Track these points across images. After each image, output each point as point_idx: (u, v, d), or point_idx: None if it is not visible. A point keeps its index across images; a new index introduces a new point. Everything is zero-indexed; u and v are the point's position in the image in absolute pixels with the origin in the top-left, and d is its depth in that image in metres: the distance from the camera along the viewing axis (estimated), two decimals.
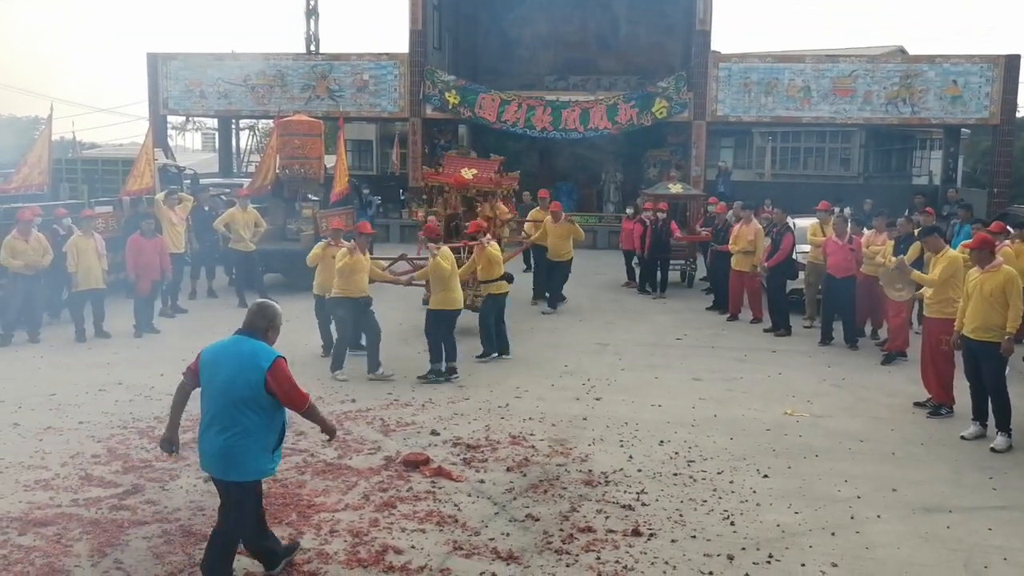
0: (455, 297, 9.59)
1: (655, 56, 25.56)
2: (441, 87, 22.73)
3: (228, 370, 4.71)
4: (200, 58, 24.07)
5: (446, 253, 9.62)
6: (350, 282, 9.55)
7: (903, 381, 9.50)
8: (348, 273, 9.49)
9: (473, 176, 11.98)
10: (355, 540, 5.56)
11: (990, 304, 7.43)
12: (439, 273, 9.39)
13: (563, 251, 13.57)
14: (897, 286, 9.72)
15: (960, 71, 21.18)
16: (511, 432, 7.68)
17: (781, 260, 11.96)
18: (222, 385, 4.69)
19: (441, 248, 9.63)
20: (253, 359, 4.72)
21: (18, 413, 8.11)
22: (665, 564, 5.30)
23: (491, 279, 10.32)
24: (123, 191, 14.21)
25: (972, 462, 7.12)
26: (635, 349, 11.00)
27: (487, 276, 10.31)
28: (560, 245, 13.55)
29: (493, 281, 10.34)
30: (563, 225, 13.62)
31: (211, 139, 44.99)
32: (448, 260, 9.52)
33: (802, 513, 6.06)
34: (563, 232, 13.61)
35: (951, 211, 16.83)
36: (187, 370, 4.94)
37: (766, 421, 8.10)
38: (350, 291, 9.59)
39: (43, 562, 5.20)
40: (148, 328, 11.67)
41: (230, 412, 4.66)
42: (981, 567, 5.33)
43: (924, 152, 35.99)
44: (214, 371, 4.76)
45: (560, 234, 13.57)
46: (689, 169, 22.25)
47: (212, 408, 4.73)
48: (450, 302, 9.54)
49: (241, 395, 4.66)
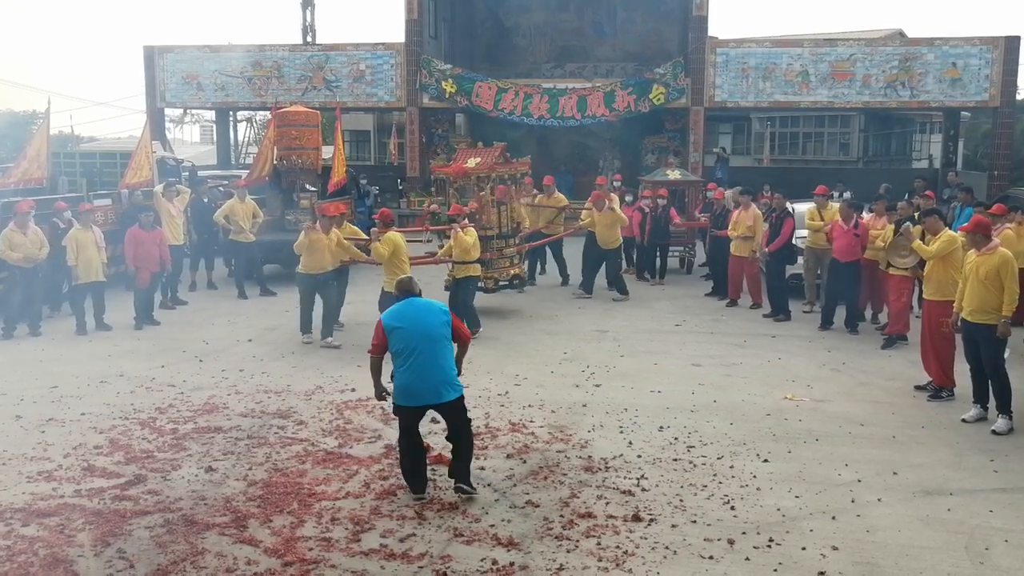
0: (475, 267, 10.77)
1: (652, 42, 25.50)
2: (438, 76, 22.67)
3: (424, 321, 5.95)
4: (196, 51, 24.01)
5: (389, 238, 10.09)
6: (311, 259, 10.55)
7: (903, 364, 9.51)
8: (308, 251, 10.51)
9: (475, 164, 12.16)
10: (356, 528, 5.58)
11: (986, 287, 7.43)
12: (379, 258, 10.05)
13: (611, 239, 13.50)
14: (902, 252, 9.73)
15: (959, 53, 21.10)
16: (511, 419, 7.69)
17: (781, 245, 11.96)
18: (425, 331, 5.92)
19: (386, 232, 10.11)
20: (438, 310, 6.09)
21: (20, 405, 8.13)
22: (665, 549, 5.31)
23: (465, 261, 10.77)
24: (122, 184, 14.21)
25: (973, 445, 7.13)
26: (634, 335, 11.00)
27: (462, 258, 10.74)
28: (608, 233, 13.45)
29: (468, 263, 10.79)
30: (608, 214, 13.47)
31: (209, 131, 44.90)
32: (388, 245, 10.02)
33: (802, 497, 6.07)
34: (609, 220, 13.48)
35: (951, 194, 16.80)
36: (373, 347, 6.08)
37: (766, 406, 8.11)
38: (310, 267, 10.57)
39: (47, 552, 5.22)
40: (148, 320, 11.68)
41: (436, 350, 5.91)
42: (982, 549, 5.34)
43: (924, 136, 35.90)
44: (412, 325, 5.91)
45: (606, 223, 13.47)
46: (687, 155, 22.22)
47: (419, 351, 5.86)
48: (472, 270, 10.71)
49: (442, 334, 5.98)
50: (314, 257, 10.56)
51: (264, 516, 5.74)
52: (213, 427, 7.52)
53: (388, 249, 9.92)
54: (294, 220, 15.04)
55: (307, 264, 10.60)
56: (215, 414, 7.89)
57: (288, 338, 10.92)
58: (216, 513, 5.78)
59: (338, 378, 9.08)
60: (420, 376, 5.86)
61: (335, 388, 8.73)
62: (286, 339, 10.88)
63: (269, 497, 6.03)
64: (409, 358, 5.87)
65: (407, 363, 5.88)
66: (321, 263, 10.59)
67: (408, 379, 5.88)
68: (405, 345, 5.88)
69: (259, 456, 6.83)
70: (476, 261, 10.92)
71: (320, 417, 7.79)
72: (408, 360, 5.87)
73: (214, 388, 8.74)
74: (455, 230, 10.72)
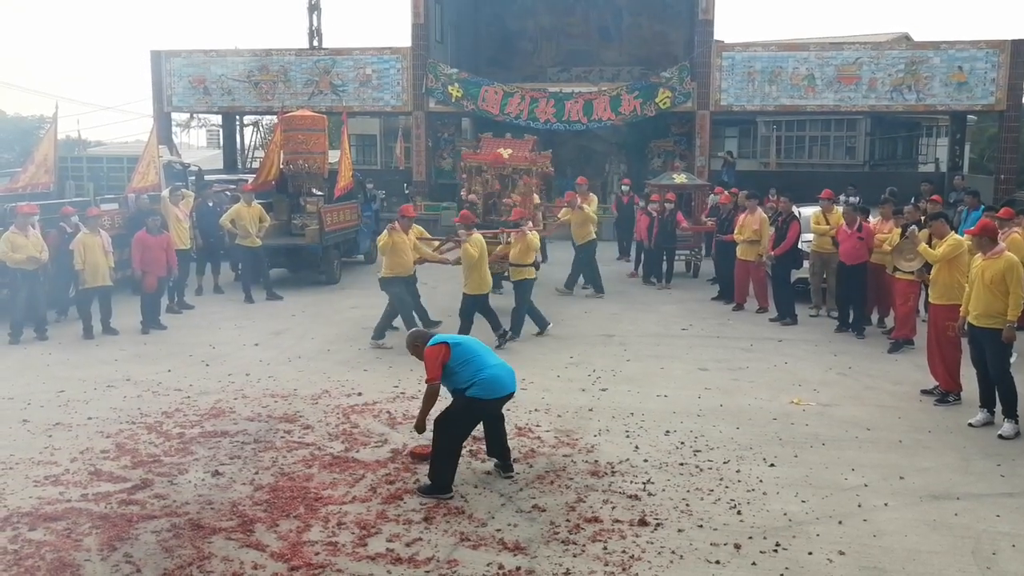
0: (486, 281, 10.39)
1: (658, 46, 25.51)
2: (444, 80, 22.71)
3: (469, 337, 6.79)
4: (203, 55, 24.08)
5: (476, 240, 10.19)
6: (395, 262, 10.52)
7: (910, 369, 9.49)
8: (390, 253, 10.47)
9: (509, 155, 12.17)
10: (363, 532, 5.58)
11: (991, 291, 7.41)
12: (468, 260, 10.10)
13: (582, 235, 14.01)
14: (908, 256, 9.71)
15: (966, 57, 21.05)
16: (517, 423, 7.69)
17: (787, 249, 11.96)
18: (476, 341, 6.59)
19: (472, 235, 10.20)
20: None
21: (27, 410, 8.16)
22: (672, 554, 5.31)
23: (523, 264, 10.88)
24: (128, 188, 14.25)
25: (979, 449, 7.11)
26: (641, 340, 10.99)
27: (520, 260, 10.90)
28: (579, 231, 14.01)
29: (525, 266, 10.89)
30: (578, 213, 14.04)
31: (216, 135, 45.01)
32: (477, 247, 10.12)
33: (809, 502, 6.06)
34: (579, 219, 14.03)
35: (958, 198, 16.75)
36: (433, 376, 6.22)
37: (772, 410, 8.10)
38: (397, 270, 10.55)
39: (53, 556, 5.24)
40: (155, 324, 11.71)
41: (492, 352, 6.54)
42: (989, 554, 5.32)
43: (930, 139, 35.78)
44: (464, 339, 6.56)
45: (577, 221, 14.02)
46: (693, 159, 22.21)
47: (485, 353, 6.41)
48: (483, 286, 10.35)
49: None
50: (399, 259, 10.53)
51: (270, 520, 5.75)
52: (219, 431, 7.53)
53: (477, 250, 10.07)
54: (300, 225, 15.10)
55: (393, 266, 10.53)
56: (221, 418, 7.91)
57: (294, 342, 10.94)
58: (222, 517, 5.80)
59: (344, 382, 9.09)
60: (502, 366, 6.38)
61: (342, 392, 8.74)
62: (292, 343, 10.90)
63: (275, 501, 6.04)
64: (483, 358, 6.33)
65: (484, 361, 6.31)
66: (406, 264, 10.62)
67: (495, 372, 6.28)
68: (473, 352, 6.33)
69: (265, 460, 6.84)
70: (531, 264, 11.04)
71: (326, 421, 7.80)
72: (482, 359, 6.31)
73: (220, 392, 8.76)
74: (523, 232, 10.86)
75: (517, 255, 10.92)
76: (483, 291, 10.38)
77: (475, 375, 6.20)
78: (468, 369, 6.23)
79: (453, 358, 6.22)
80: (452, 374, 6.23)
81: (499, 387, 6.30)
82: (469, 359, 6.26)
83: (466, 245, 10.10)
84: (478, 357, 6.31)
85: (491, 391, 6.25)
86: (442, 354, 6.21)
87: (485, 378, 6.22)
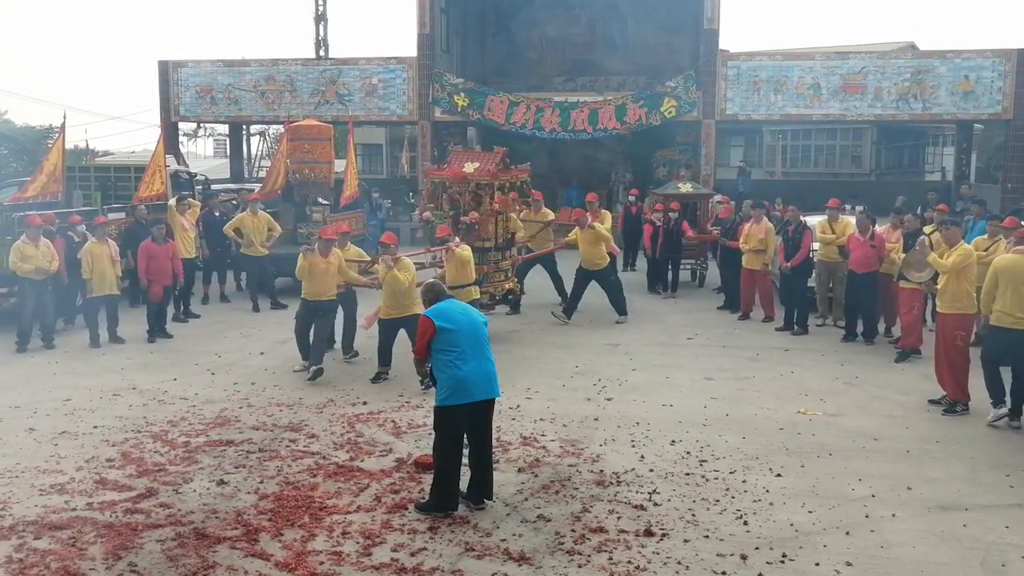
0: (410, 308, 9.27)
1: (663, 56, 25.50)
2: (450, 90, 22.76)
3: (469, 320, 6.13)
4: (211, 65, 24.19)
5: (407, 265, 9.46)
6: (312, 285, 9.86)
7: (917, 378, 9.44)
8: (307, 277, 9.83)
9: (474, 170, 11.57)
10: (367, 542, 5.57)
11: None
12: (396, 286, 9.27)
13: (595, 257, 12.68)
14: (918, 267, 9.67)
15: (972, 65, 21.00)
16: (522, 433, 7.68)
17: (804, 259, 11.92)
18: (472, 329, 6.08)
19: (401, 260, 9.45)
20: (476, 312, 6.37)
21: (33, 418, 8.17)
22: (678, 564, 5.28)
23: (460, 284, 9.98)
24: (136, 197, 14.31)
25: (988, 460, 7.07)
26: (646, 349, 10.97)
27: (456, 282, 9.97)
28: (590, 251, 12.66)
29: (463, 287, 9.99)
30: (588, 232, 12.65)
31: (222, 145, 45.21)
32: (408, 273, 9.36)
33: (816, 512, 6.02)
34: (590, 238, 12.65)
35: (964, 207, 16.70)
36: (419, 348, 6.11)
37: (779, 420, 8.07)
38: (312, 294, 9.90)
39: (58, 565, 5.23)
40: (161, 333, 11.73)
41: (482, 347, 6.08)
42: (998, 565, 5.28)
43: (936, 148, 35.75)
44: (460, 323, 6.05)
45: (588, 240, 12.65)
46: (699, 168, 22.19)
47: (469, 347, 5.99)
48: (404, 310, 9.35)
49: (485, 334, 6.19)
50: (312, 284, 9.82)
51: (275, 530, 5.74)
52: (225, 440, 7.53)
53: (408, 277, 9.34)
54: (306, 234, 15.11)
55: (306, 290, 9.90)
56: (227, 427, 7.91)
57: (296, 353, 10.91)
58: (227, 527, 5.79)
59: (350, 391, 9.09)
60: (478, 370, 5.96)
61: (346, 401, 8.73)
62: (297, 352, 10.88)
63: (280, 511, 6.03)
64: (462, 354, 5.96)
65: (463, 359, 5.95)
66: (318, 290, 9.83)
67: (464, 375, 5.91)
68: (455, 344, 5.97)
69: (270, 469, 6.83)
70: (473, 283, 10.25)
71: (331, 430, 7.80)
72: (462, 355, 5.95)
73: (226, 401, 8.77)
74: (449, 249, 10.10)
75: (453, 275, 10.03)
76: (398, 316, 9.40)
77: (448, 376, 5.93)
78: (444, 360, 5.96)
79: (436, 341, 5.98)
80: (433, 356, 6.06)
81: (465, 393, 5.91)
82: (449, 350, 5.95)
83: (395, 272, 9.25)
84: (458, 352, 5.94)
85: (459, 396, 5.91)
86: (429, 332, 6.00)
87: (453, 382, 5.92)
